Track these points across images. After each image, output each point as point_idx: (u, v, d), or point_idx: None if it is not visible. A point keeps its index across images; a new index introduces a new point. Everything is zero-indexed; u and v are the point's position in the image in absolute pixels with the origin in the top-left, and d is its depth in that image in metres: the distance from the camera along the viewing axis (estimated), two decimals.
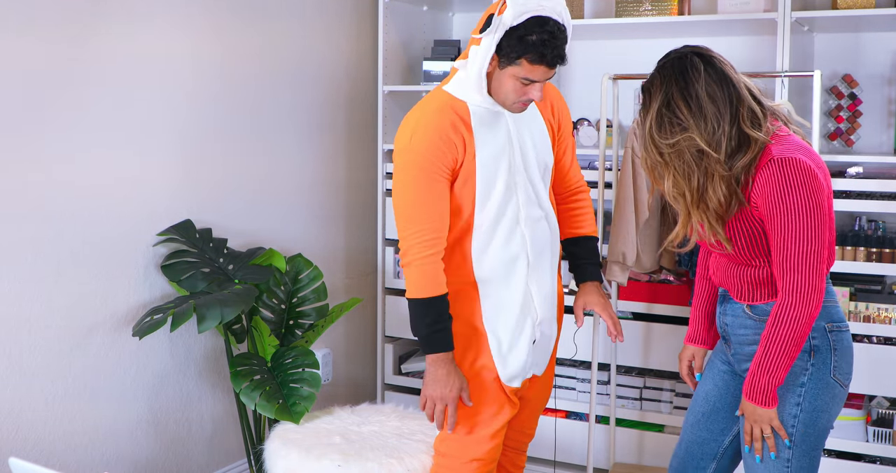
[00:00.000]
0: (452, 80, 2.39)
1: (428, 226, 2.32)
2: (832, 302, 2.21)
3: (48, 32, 2.64)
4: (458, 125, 2.33)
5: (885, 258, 3.00)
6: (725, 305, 2.31)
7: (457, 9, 4.10)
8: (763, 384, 2.13)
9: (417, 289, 2.34)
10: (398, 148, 2.36)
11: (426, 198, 2.32)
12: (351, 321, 3.87)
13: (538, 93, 2.30)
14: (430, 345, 2.36)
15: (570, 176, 2.61)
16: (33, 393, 2.68)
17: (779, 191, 2.06)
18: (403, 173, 2.34)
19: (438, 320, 2.34)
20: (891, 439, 3.04)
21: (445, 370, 2.35)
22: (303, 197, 3.61)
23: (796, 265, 2.07)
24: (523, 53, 2.23)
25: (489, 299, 2.42)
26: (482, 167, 2.35)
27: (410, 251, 2.33)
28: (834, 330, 2.20)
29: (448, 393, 2.35)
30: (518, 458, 2.72)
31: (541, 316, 2.46)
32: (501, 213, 2.38)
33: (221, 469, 3.33)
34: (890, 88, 3.37)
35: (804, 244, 2.06)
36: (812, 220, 2.06)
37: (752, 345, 2.24)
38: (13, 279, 2.61)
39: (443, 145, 2.31)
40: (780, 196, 2.06)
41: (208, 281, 2.94)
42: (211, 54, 3.16)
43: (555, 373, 2.75)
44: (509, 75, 2.28)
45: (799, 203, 2.05)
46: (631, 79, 3.18)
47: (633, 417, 3.40)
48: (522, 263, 2.41)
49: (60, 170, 2.71)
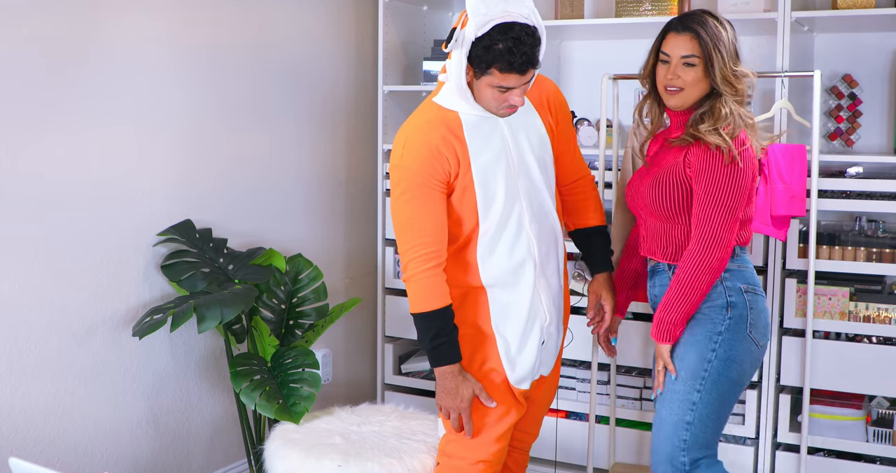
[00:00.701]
0: (441, 92, 2.39)
1: (424, 240, 2.33)
2: (748, 269, 2.49)
3: (46, 31, 2.64)
4: (449, 138, 2.33)
5: (885, 258, 3.00)
6: (654, 278, 2.56)
7: (457, 9, 4.09)
8: (660, 318, 2.42)
9: (418, 304, 2.35)
10: (392, 164, 2.37)
11: (421, 213, 2.33)
12: (351, 321, 3.87)
13: (518, 98, 2.28)
14: (435, 359, 2.38)
15: (573, 167, 2.61)
16: (33, 393, 2.68)
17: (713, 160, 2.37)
18: (397, 189, 2.35)
19: (441, 333, 2.35)
20: (891, 439, 3.04)
21: (453, 382, 2.37)
22: (303, 197, 3.61)
23: (708, 217, 2.36)
24: (492, 63, 2.22)
25: (497, 302, 2.42)
26: (479, 175, 2.35)
27: (409, 266, 2.35)
28: (749, 291, 2.45)
29: (459, 403, 2.39)
30: (521, 458, 2.73)
31: (549, 318, 2.46)
32: (506, 218, 2.38)
33: (221, 469, 3.33)
34: (890, 88, 3.37)
35: (720, 204, 2.35)
36: (733, 189, 2.36)
37: None
38: (13, 279, 2.61)
39: (433, 160, 2.31)
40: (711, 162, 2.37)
41: (208, 281, 2.94)
42: (211, 54, 3.16)
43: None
44: (485, 85, 2.27)
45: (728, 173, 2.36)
46: (631, 79, 3.17)
47: (633, 417, 3.40)
48: (530, 266, 2.41)
49: (60, 170, 2.71)
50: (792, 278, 3.09)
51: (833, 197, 3.04)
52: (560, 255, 2.52)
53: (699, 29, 2.39)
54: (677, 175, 2.43)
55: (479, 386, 2.40)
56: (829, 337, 3.14)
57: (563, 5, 3.54)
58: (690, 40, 2.40)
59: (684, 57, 2.41)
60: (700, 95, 2.45)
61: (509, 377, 2.44)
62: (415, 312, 2.36)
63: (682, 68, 2.41)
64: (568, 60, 3.88)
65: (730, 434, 3.23)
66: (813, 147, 2.93)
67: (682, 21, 2.43)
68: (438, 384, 2.40)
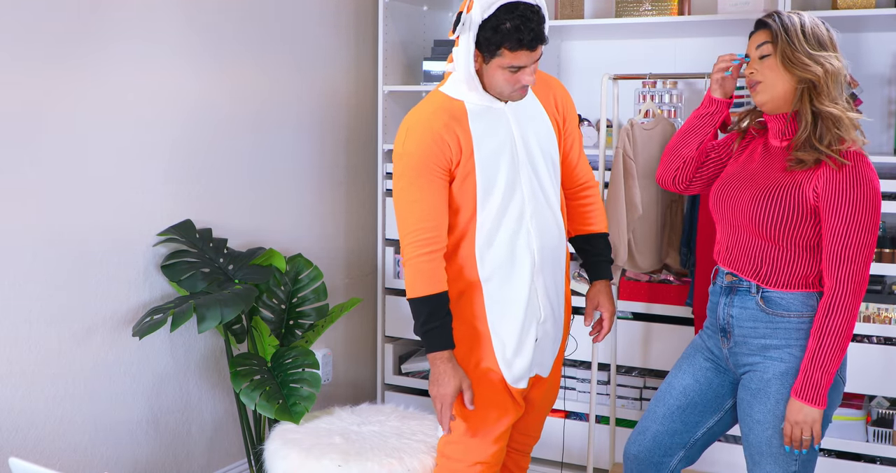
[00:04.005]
0: (448, 81, 2.41)
1: (423, 224, 2.33)
2: None
3: (50, 35, 2.64)
4: (452, 125, 2.34)
5: (885, 258, 3.00)
6: (732, 297, 2.33)
7: (456, 9, 4.09)
8: (816, 380, 2.15)
9: (413, 288, 2.35)
10: (395, 153, 2.38)
11: (420, 198, 2.33)
12: (351, 321, 3.87)
13: (530, 77, 2.31)
14: (427, 344, 2.36)
15: (578, 171, 2.60)
16: (33, 393, 2.68)
17: (849, 188, 2.16)
18: (399, 176, 2.36)
19: (432, 319, 2.33)
20: (891, 439, 3.04)
21: (442, 368, 2.34)
22: (303, 196, 3.61)
23: (855, 255, 2.15)
24: (501, 43, 2.24)
25: (493, 299, 2.41)
26: (482, 164, 2.35)
27: (406, 250, 2.35)
28: None
29: (443, 392, 2.33)
30: (522, 460, 2.72)
31: (544, 315, 2.45)
32: (504, 209, 2.37)
33: (221, 469, 3.33)
34: (890, 88, 3.37)
35: (864, 236, 2.15)
36: (873, 218, 2.16)
37: (761, 339, 2.27)
38: (13, 279, 2.61)
39: (434, 146, 2.32)
40: (848, 192, 2.16)
41: (208, 282, 2.94)
42: (211, 54, 3.16)
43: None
44: (496, 67, 2.29)
45: (865, 200, 2.16)
46: (631, 79, 3.18)
47: (633, 417, 3.40)
48: (527, 260, 2.40)
49: (60, 170, 2.71)
50: None
51: None
52: (562, 253, 2.50)
53: (769, 21, 2.30)
54: (800, 198, 2.22)
55: (467, 381, 2.35)
56: None
57: (563, 5, 3.54)
58: (762, 32, 2.31)
59: (758, 47, 2.29)
60: (787, 89, 2.26)
61: (506, 376, 2.43)
62: (410, 297, 2.36)
63: (759, 61, 2.29)
64: (568, 60, 3.88)
65: (730, 434, 3.23)
66: None
67: (755, 22, 2.36)
68: (430, 372, 2.38)
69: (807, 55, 2.23)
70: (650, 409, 2.49)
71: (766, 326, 2.26)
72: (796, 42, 2.24)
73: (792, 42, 2.24)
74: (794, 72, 2.24)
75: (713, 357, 2.41)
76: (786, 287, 2.25)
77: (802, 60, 2.23)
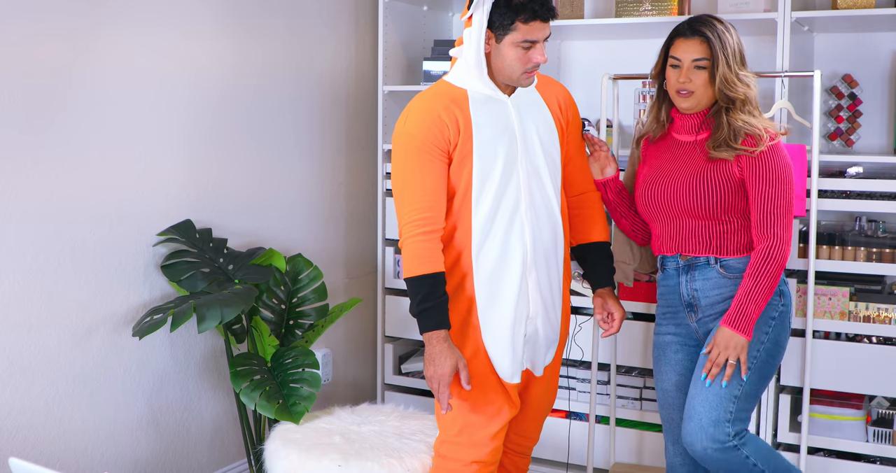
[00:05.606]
0: (453, 70, 2.43)
1: (420, 204, 2.34)
2: None
3: (49, 35, 2.64)
4: (452, 108, 2.37)
5: (885, 258, 3.00)
6: (693, 273, 2.56)
7: (457, 9, 4.09)
8: (748, 312, 2.43)
9: (408, 268, 2.35)
10: (394, 134, 2.41)
11: (418, 178, 2.34)
12: (351, 321, 3.87)
13: (541, 56, 2.35)
14: (422, 323, 2.35)
15: (581, 176, 2.61)
16: (33, 392, 2.68)
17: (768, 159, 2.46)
18: (397, 156, 2.38)
19: (428, 298, 2.32)
20: (891, 439, 3.04)
21: (438, 348, 2.32)
22: (303, 197, 3.61)
23: (784, 212, 2.45)
24: (516, 16, 2.29)
25: (483, 291, 2.40)
26: (479, 148, 2.36)
27: (404, 230, 2.36)
28: (786, 283, 2.59)
29: (439, 372, 2.32)
30: (521, 462, 2.72)
31: (534, 311, 2.45)
32: (499, 199, 2.37)
33: (221, 469, 3.33)
34: (890, 88, 3.37)
35: (788, 197, 2.45)
36: (791, 185, 2.47)
37: (724, 301, 2.53)
38: (13, 279, 2.61)
39: (433, 126, 2.34)
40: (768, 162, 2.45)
41: (208, 281, 2.94)
42: (211, 54, 3.16)
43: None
44: (508, 45, 2.33)
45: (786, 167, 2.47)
46: (631, 79, 3.18)
47: (633, 417, 3.40)
48: (519, 254, 2.39)
49: (60, 170, 2.71)
50: (792, 278, 3.09)
51: (833, 197, 3.04)
52: (558, 254, 2.49)
53: (708, 32, 2.47)
54: (728, 174, 2.48)
55: (463, 361, 2.34)
56: (829, 337, 3.14)
57: (563, 5, 3.54)
58: (700, 44, 2.48)
59: (695, 60, 2.48)
60: (712, 98, 2.52)
61: (497, 370, 2.43)
62: (407, 276, 2.36)
63: (694, 71, 2.49)
64: (568, 60, 3.88)
65: None
66: (813, 147, 2.94)
67: (690, 25, 2.50)
68: (425, 352, 2.36)
69: (737, 76, 2.48)
70: (666, 418, 2.68)
71: (729, 289, 2.52)
72: (731, 63, 2.46)
73: (729, 64, 2.46)
74: (723, 90, 2.47)
75: (680, 340, 2.63)
76: (737, 253, 2.52)
77: (734, 81, 2.47)
